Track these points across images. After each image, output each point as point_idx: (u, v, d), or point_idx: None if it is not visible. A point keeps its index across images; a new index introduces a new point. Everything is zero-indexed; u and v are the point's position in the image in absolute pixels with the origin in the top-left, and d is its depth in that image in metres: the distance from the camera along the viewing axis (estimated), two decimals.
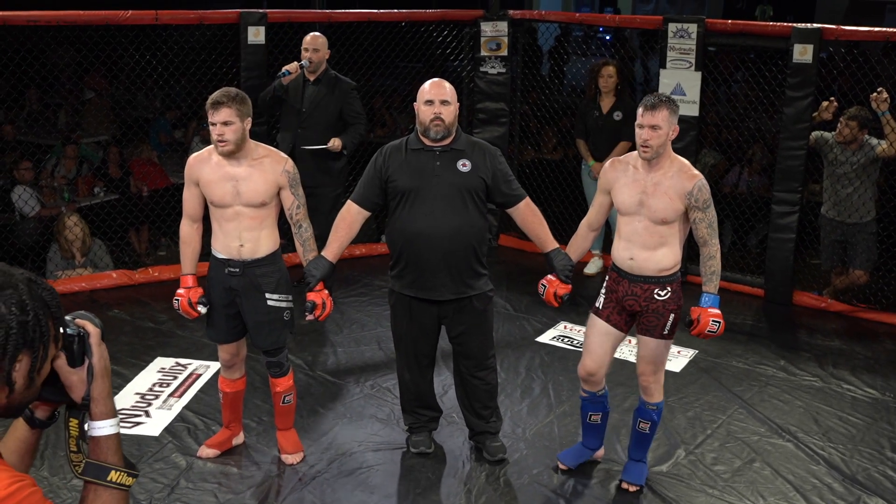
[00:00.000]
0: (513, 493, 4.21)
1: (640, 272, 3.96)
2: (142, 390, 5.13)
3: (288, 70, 6.11)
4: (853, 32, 6.42)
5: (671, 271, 3.96)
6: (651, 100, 3.86)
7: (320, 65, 6.20)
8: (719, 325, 3.93)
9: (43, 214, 7.25)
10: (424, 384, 4.46)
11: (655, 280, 3.95)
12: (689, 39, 6.67)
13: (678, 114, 3.89)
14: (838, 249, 6.52)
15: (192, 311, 4.19)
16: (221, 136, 3.96)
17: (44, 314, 1.63)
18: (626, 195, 3.95)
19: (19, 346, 1.60)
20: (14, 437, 1.79)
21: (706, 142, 7.80)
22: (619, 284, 4.03)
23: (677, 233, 3.94)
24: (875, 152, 6.17)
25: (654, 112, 3.82)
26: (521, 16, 7.74)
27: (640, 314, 4.01)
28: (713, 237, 3.93)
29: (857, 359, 5.80)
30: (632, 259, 3.96)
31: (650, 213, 3.89)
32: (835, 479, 4.34)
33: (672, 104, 3.86)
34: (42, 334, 1.63)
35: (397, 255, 4.22)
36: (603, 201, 4.11)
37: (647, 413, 4.12)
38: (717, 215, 3.98)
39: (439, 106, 4.08)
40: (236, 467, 4.36)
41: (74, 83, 9.28)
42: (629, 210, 3.95)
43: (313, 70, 6.19)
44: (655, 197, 3.88)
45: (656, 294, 3.95)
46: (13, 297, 1.60)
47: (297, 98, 6.21)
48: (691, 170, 3.93)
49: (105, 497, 1.71)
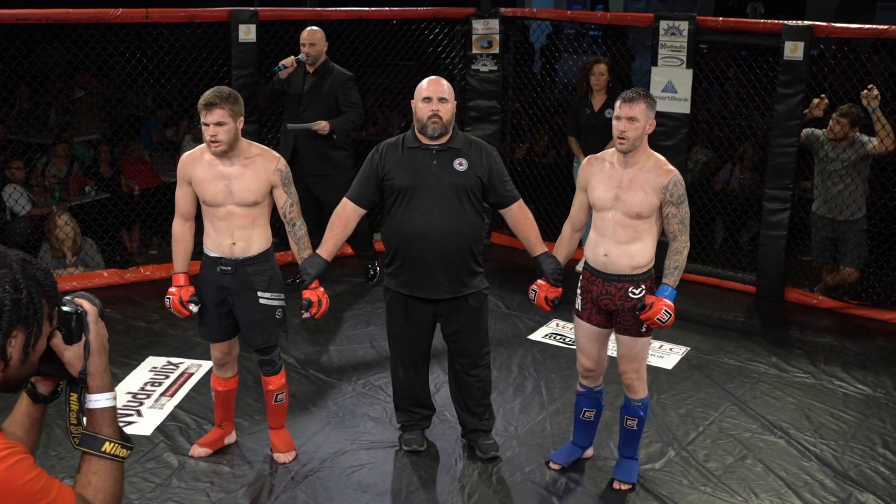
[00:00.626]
0: (506, 490, 4.21)
1: (614, 270, 3.96)
2: (133, 389, 5.12)
3: (284, 64, 6.27)
4: (844, 30, 6.44)
5: (645, 269, 3.97)
6: (629, 93, 3.90)
7: (319, 58, 6.35)
8: (670, 316, 3.91)
9: (34, 213, 7.22)
10: (419, 382, 4.45)
11: (629, 278, 3.96)
12: (680, 37, 6.68)
13: (655, 109, 3.92)
14: (829, 246, 6.54)
15: (183, 310, 4.19)
16: (215, 136, 3.96)
17: (37, 292, 1.71)
18: (602, 190, 3.97)
19: (13, 323, 1.68)
20: (19, 412, 1.86)
21: (698, 139, 7.82)
22: (593, 284, 4.04)
23: (651, 228, 3.95)
24: (866, 149, 6.18)
25: (631, 104, 3.84)
26: (513, 13, 7.75)
27: (616, 313, 4.02)
28: (684, 233, 3.96)
29: (849, 355, 5.81)
30: (606, 255, 3.97)
31: (625, 207, 3.91)
32: (826, 476, 4.35)
33: (650, 98, 3.90)
34: (35, 311, 1.70)
35: (393, 254, 4.21)
36: (583, 199, 4.12)
37: (633, 410, 4.14)
38: (709, 212, 3.98)
39: (437, 103, 4.07)
40: (228, 466, 4.35)
41: (65, 82, 9.24)
42: (604, 205, 3.97)
43: (312, 63, 6.33)
44: (631, 191, 3.90)
45: (631, 292, 3.96)
46: (7, 276, 1.67)
47: (298, 88, 6.35)
48: (667, 165, 3.95)
49: (99, 467, 1.78)
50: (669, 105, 6.76)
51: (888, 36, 6.15)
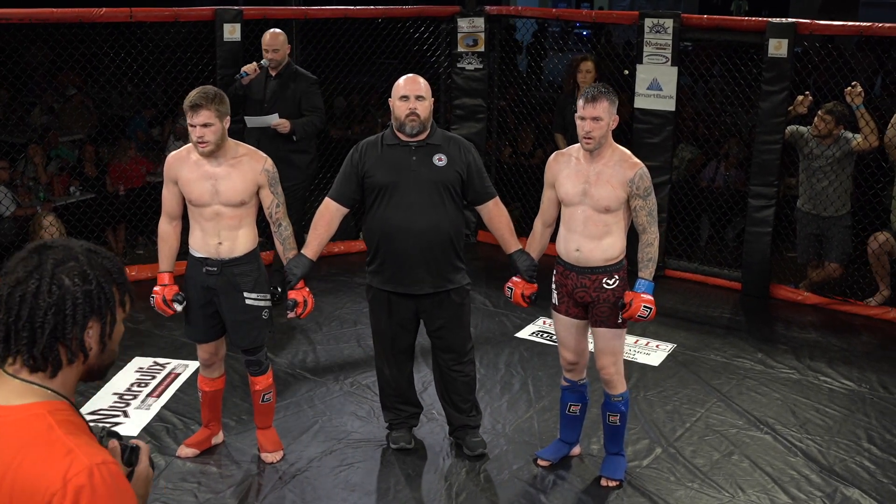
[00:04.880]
0: (493, 488, 4.22)
1: (587, 263, 4.00)
2: (120, 390, 5.10)
3: (246, 71, 6.11)
4: (827, 27, 6.47)
5: (617, 260, 4.02)
6: (591, 91, 3.90)
7: (282, 62, 6.20)
8: (650, 310, 3.97)
9: (18, 214, 7.18)
10: (404, 379, 4.46)
11: (602, 269, 3.99)
12: (665, 35, 6.70)
13: (617, 104, 3.93)
14: (814, 243, 6.57)
15: (167, 309, 4.19)
16: (202, 137, 3.95)
17: (106, 281, 1.72)
18: (570, 186, 4.00)
19: (87, 315, 1.70)
20: None
21: (683, 136, 7.84)
22: (568, 278, 4.07)
23: (621, 221, 3.99)
24: (850, 146, 6.22)
25: (594, 104, 3.86)
26: (498, 11, 7.75)
27: (592, 305, 4.04)
28: (652, 225, 4.00)
29: (834, 351, 5.84)
30: (578, 250, 4.01)
31: (593, 201, 3.94)
32: (812, 471, 4.37)
33: (611, 95, 3.91)
34: (108, 300, 1.72)
35: (374, 251, 4.22)
36: (551, 195, 4.15)
37: (615, 405, 4.16)
38: (695, 209, 4.00)
39: (414, 101, 4.08)
40: (216, 466, 4.34)
41: (48, 81, 9.19)
42: (573, 200, 4.00)
43: (275, 66, 6.19)
44: (598, 186, 3.93)
45: (605, 283, 3.99)
46: (75, 269, 1.69)
47: (260, 92, 6.20)
48: (632, 158, 3.99)
49: None
50: (654, 102, 6.78)
51: (871, 33, 6.19)
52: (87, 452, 1.60)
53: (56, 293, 1.66)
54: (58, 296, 1.66)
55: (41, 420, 1.63)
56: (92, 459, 1.59)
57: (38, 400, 1.66)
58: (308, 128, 6.19)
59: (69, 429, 1.64)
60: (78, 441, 1.62)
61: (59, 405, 1.67)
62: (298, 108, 6.19)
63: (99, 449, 1.65)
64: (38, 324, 1.65)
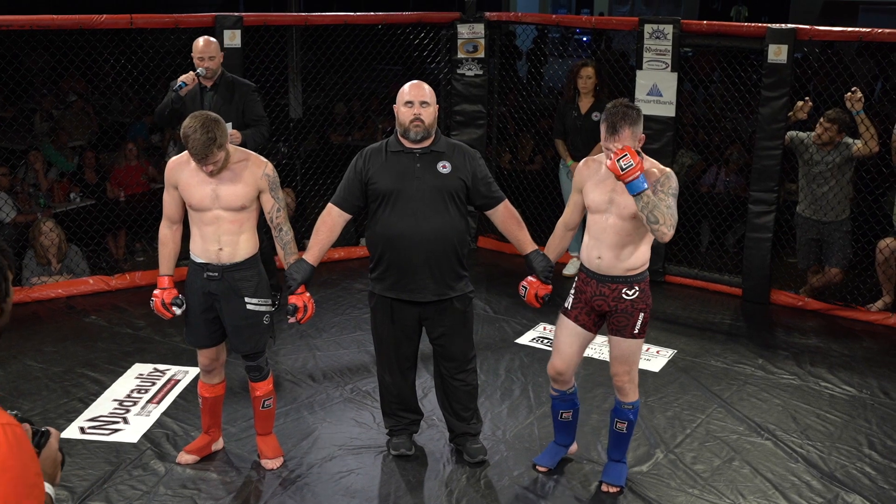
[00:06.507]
0: (494, 494, 4.21)
1: (608, 272, 3.97)
2: (120, 397, 5.10)
3: (184, 82, 5.75)
4: (827, 32, 6.48)
5: (639, 270, 3.98)
6: (610, 119, 3.80)
7: (217, 71, 5.91)
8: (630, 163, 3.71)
9: (18, 221, 7.18)
10: (406, 387, 4.45)
11: (623, 279, 3.97)
12: (664, 40, 6.71)
13: (641, 121, 3.85)
14: (814, 248, 6.57)
15: (166, 312, 4.19)
16: (212, 172, 3.99)
17: None
18: (597, 193, 3.97)
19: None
20: None
21: (683, 142, 7.84)
22: (588, 285, 4.05)
23: (646, 231, 3.96)
24: (850, 151, 6.22)
25: (616, 136, 3.78)
26: (498, 18, 7.76)
27: (609, 314, 4.03)
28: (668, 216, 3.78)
29: (834, 356, 5.84)
30: (599, 258, 3.98)
31: (619, 209, 3.91)
32: (813, 477, 4.37)
33: (630, 115, 3.80)
34: None
35: (378, 258, 4.21)
36: (577, 200, 4.13)
37: (624, 413, 4.14)
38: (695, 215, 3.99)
39: (419, 107, 4.08)
40: (216, 473, 4.34)
41: (49, 88, 9.20)
42: (599, 208, 3.97)
43: (210, 76, 5.89)
44: (626, 194, 3.87)
45: (624, 294, 3.97)
46: None
47: (197, 104, 5.83)
48: (659, 165, 3.94)
49: None
50: (654, 108, 6.79)
51: (871, 39, 6.19)
52: None
53: None
54: None
55: None
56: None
57: None
58: (258, 138, 5.90)
59: None
60: None
61: None
62: (242, 119, 5.91)
63: (4, 413, 1.74)
64: None
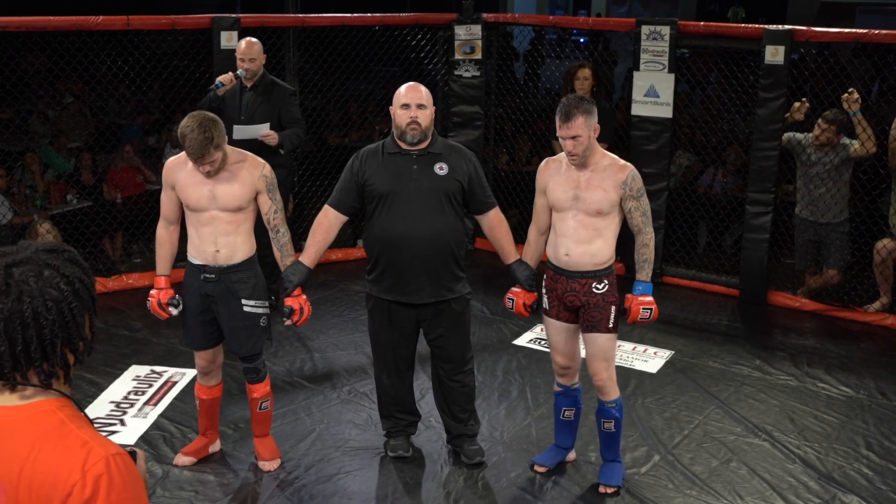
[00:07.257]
0: (491, 495, 4.21)
1: (577, 267, 4.01)
2: (116, 398, 5.09)
3: (221, 82, 5.84)
4: (824, 34, 6.48)
5: (607, 264, 4.03)
6: (564, 108, 3.87)
7: (258, 72, 5.98)
8: (651, 311, 4.00)
9: (15, 222, 7.17)
10: (403, 388, 4.44)
11: (591, 274, 4.00)
12: (661, 41, 6.71)
13: (595, 113, 3.91)
14: (812, 249, 6.58)
15: (163, 312, 4.19)
16: (209, 173, 3.99)
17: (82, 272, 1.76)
18: (561, 191, 4.01)
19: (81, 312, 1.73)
20: None
21: (680, 143, 7.84)
22: (557, 282, 4.08)
23: (611, 225, 4.00)
24: (847, 152, 6.22)
25: (570, 124, 3.85)
26: (495, 19, 7.76)
27: (582, 310, 4.05)
28: (647, 226, 4.03)
29: (832, 357, 5.84)
30: (567, 255, 4.02)
31: (585, 206, 3.95)
32: (811, 478, 4.37)
33: (585, 106, 3.87)
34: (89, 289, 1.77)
35: (375, 259, 4.21)
36: (543, 202, 4.16)
37: (609, 412, 4.15)
38: (692, 216, 4.00)
39: (416, 110, 4.08)
40: (213, 475, 4.33)
41: (46, 89, 9.19)
42: (564, 205, 4.01)
43: (250, 77, 5.96)
44: (590, 190, 3.94)
45: (594, 287, 4.00)
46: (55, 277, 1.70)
47: (235, 106, 5.96)
48: (621, 161, 4.02)
49: None
50: (651, 109, 6.79)
51: (868, 40, 6.20)
52: (102, 444, 1.65)
53: (53, 308, 1.68)
54: (56, 310, 1.69)
55: (51, 416, 1.68)
56: (107, 450, 1.64)
57: (43, 398, 1.70)
58: (294, 140, 6.03)
59: (78, 423, 1.69)
60: (90, 433, 1.67)
61: (64, 402, 1.71)
62: (278, 121, 6.01)
63: (110, 441, 1.69)
64: (47, 342, 1.68)
